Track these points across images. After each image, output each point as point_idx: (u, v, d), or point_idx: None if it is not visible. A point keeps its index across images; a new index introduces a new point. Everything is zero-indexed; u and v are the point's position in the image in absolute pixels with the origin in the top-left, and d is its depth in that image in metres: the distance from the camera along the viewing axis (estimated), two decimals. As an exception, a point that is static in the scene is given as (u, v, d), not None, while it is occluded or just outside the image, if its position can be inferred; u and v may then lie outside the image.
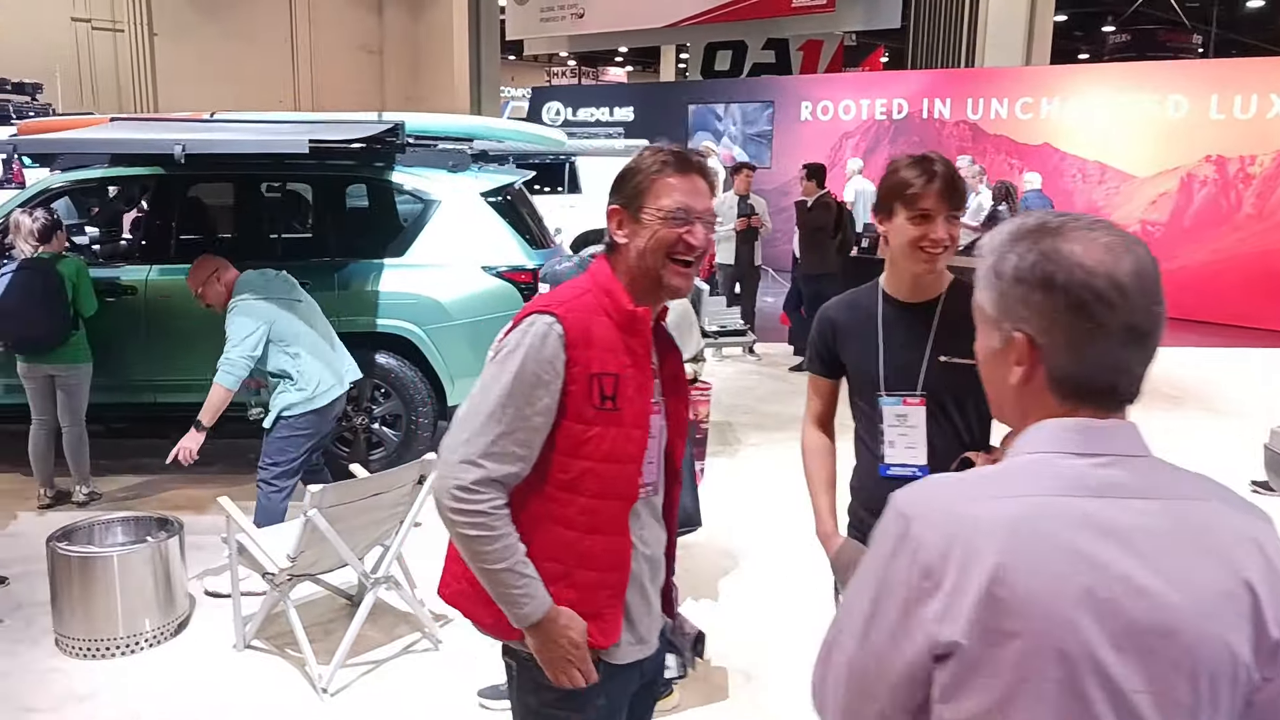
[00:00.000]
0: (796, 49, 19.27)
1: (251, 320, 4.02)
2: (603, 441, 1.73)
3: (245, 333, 3.98)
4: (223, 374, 4.00)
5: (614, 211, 1.80)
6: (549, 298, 1.79)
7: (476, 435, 1.68)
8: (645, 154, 1.81)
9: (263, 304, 4.08)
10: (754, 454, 6.24)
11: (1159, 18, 26.01)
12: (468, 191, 5.53)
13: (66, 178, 5.42)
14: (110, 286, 5.28)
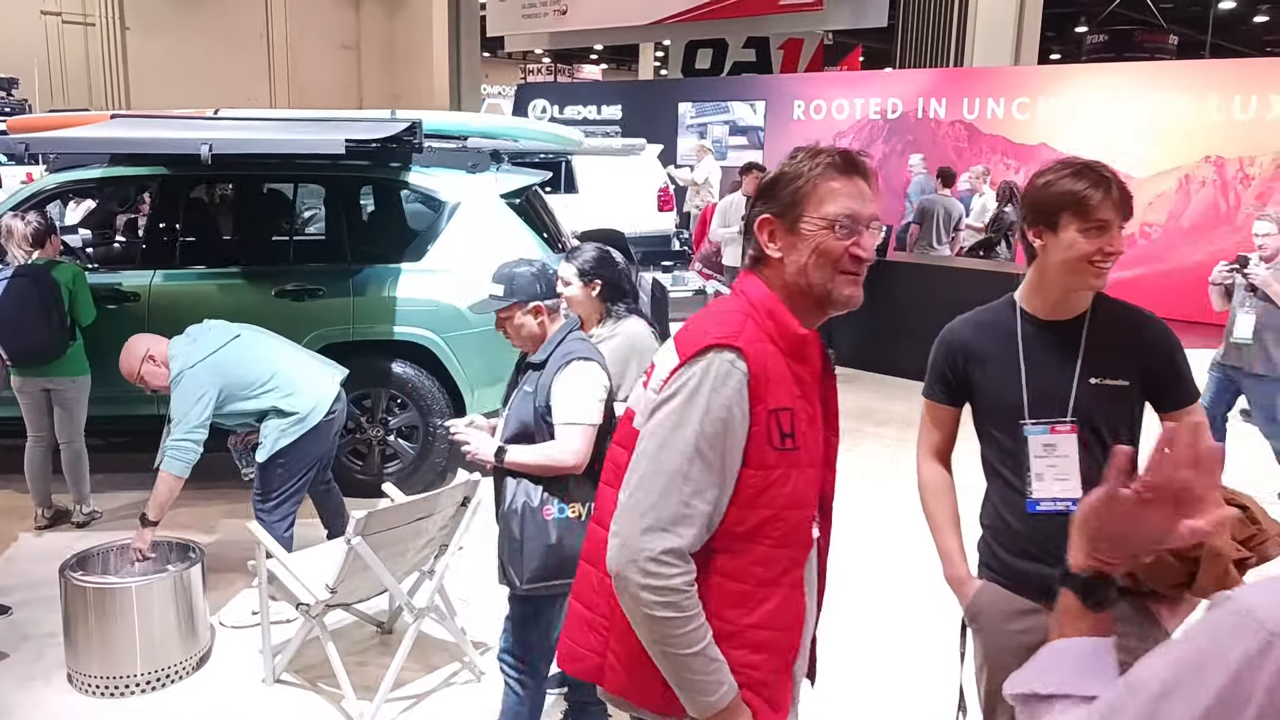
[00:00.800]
0: (777, 48, 19.19)
1: (194, 392, 3.57)
2: (784, 485, 1.52)
3: (187, 408, 3.53)
4: (170, 460, 3.52)
5: (765, 222, 1.58)
6: (716, 328, 1.53)
7: (663, 498, 1.46)
8: (801, 156, 1.59)
9: (202, 369, 3.64)
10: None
11: (1132, 18, 26.19)
12: (487, 193, 5.30)
13: (61, 178, 5.13)
14: (111, 293, 5.00)
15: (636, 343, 3.08)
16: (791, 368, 1.54)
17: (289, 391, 3.77)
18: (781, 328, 1.55)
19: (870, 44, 28.12)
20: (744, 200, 8.35)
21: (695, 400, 1.46)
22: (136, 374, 3.67)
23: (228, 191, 5.75)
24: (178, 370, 3.58)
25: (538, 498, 2.68)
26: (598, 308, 3.15)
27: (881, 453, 6.29)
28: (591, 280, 3.10)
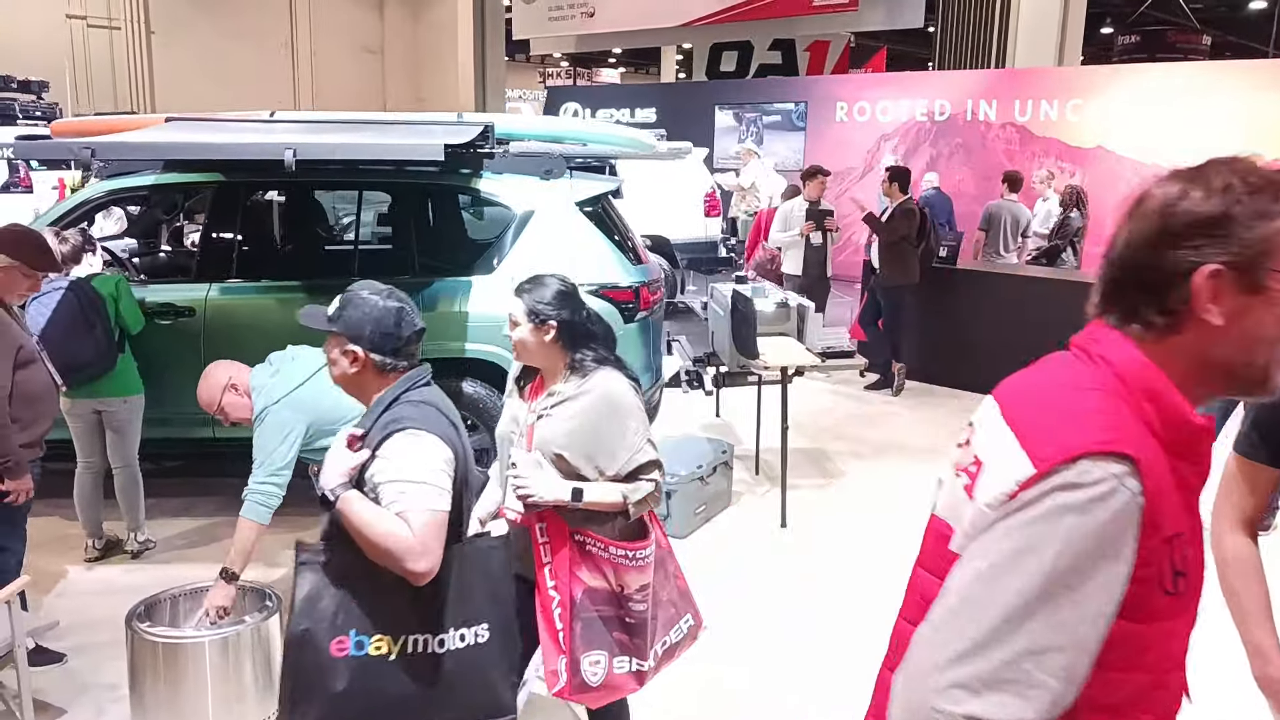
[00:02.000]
0: (803, 50, 18.91)
1: (279, 431, 3.15)
2: (1171, 640, 1.13)
3: (271, 447, 3.13)
4: (250, 505, 3.12)
5: (1215, 276, 1.11)
6: (1087, 422, 1.09)
7: (980, 648, 1.03)
8: (1239, 184, 1.14)
9: (287, 405, 3.22)
10: (861, 485, 5.70)
11: (1158, 19, 25.74)
12: (562, 201, 4.97)
13: (110, 186, 4.82)
14: (164, 308, 4.68)
15: (615, 403, 2.46)
16: (1176, 470, 1.12)
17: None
18: (1168, 415, 1.12)
19: (897, 46, 27.79)
20: (805, 205, 8.01)
21: (1055, 524, 1.04)
22: (217, 405, 3.33)
23: (287, 200, 5.42)
24: (262, 406, 3.23)
25: (329, 619, 2.04)
26: (558, 357, 2.52)
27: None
28: (545, 322, 2.48)
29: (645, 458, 2.50)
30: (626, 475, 2.48)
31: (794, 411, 6.97)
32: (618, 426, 2.46)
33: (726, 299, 5.43)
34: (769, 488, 5.60)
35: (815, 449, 6.26)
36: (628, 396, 2.50)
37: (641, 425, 2.51)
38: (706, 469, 4.96)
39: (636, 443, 2.49)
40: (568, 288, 2.57)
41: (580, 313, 2.55)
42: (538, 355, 2.55)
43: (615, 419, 2.46)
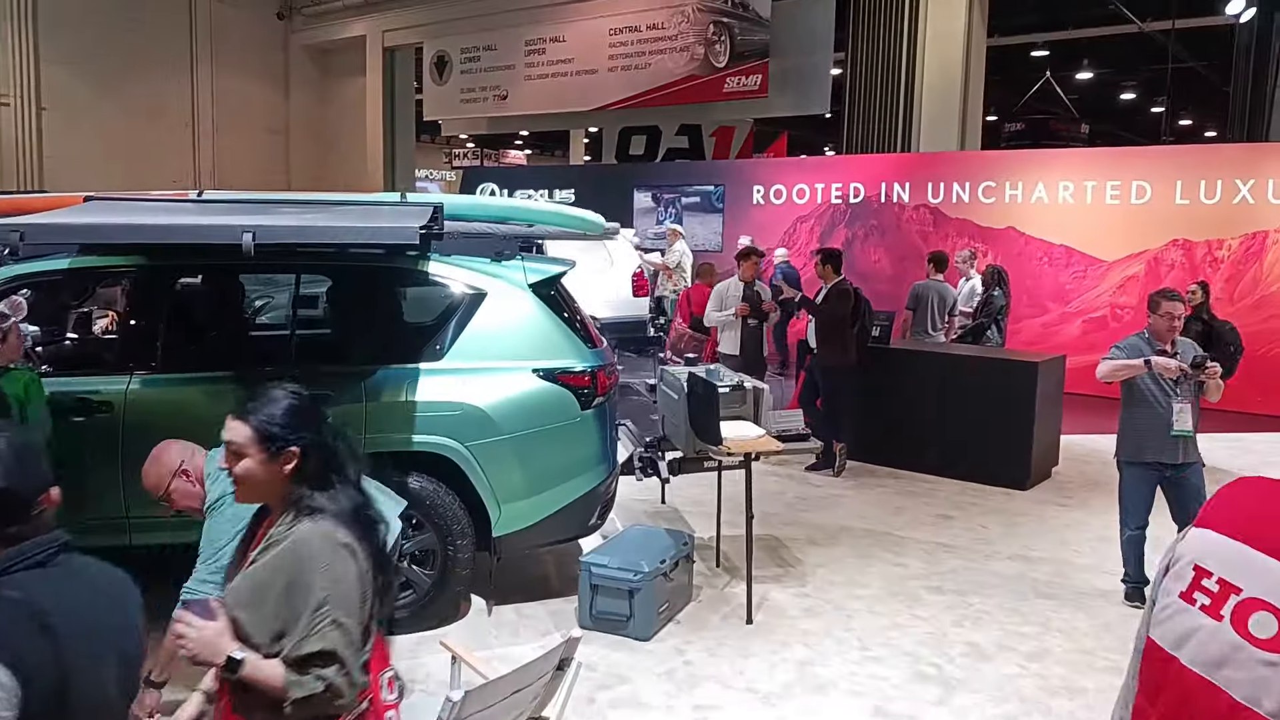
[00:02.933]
0: (709, 135, 19.43)
1: (234, 524, 2.62)
2: None
3: (223, 542, 2.76)
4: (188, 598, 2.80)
5: None
6: None
7: None
8: None
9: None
10: (821, 574, 5.52)
11: (1038, 109, 27.27)
12: (515, 283, 4.76)
13: (16, 270, 4.41)
14: (78, 402, 4.25)
15: (303, 560, 1.93)
16: None
17: None
18: None
19: (799, 131, 28.76)
20: (740, 285, 7.98)
21: None
22: (164, 489, 3.00)
23: (212, 283, 5.06)
24: (218, 495, 2.89)
25: None
26: (285, 492, 2.04)
27: (976, 572, 5.79)
28: (283, 450, 2.02)
29: (317, 645, 1.88)
30: (295, 660, 1.90)
31: (737, 495, 6.83)
32: (298, 594, 1.91)
33: (680, 381, 5.27)
34: (727, 579, 5.38)
35: (768, 535, 6.08)
36: (323, 557, 1.92)
37: (336, 601, 1.90)
38: (669, 564, 4.72)
39: (314, 622, 1.88)
40: (304, 403, 2.08)
41: (328, 434, 2.07)
42: (269, 492, 2.05)
43: (298, 582, 1.91)
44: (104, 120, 19.34)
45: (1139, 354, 5.02)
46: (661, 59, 16.92)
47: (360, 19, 21.57)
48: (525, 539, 4.73)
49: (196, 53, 21.41)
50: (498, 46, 19.27)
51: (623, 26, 17.38)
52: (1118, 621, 4.93)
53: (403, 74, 22.13)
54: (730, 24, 15.99)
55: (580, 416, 4.72)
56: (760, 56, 15.50)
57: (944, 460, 7.49)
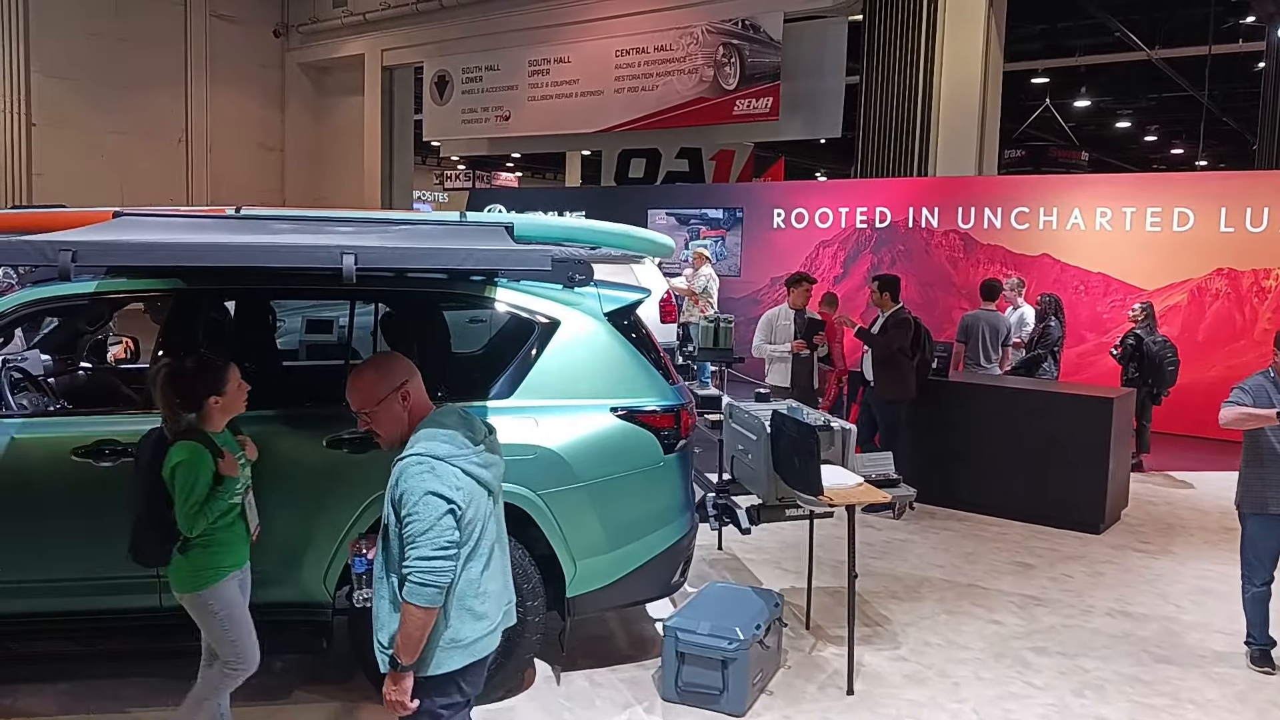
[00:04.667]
0: (709, 158, 19.16)
1: (446, 491, 2.51)
2: None
3: (438, 511, 2.49)
4: (414, 587, 2.48)
5: None
6: None
7: None
8: None
9: (457, 468, 2.57)
10: (912, 634, 5.03)
11: (1035, 136, 27.20)
12: (590, 312, 4.27)
13: (37, 294, 3.89)
14: (102, 445, 3.72)
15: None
16: None
17: (486, 578, 2.75)
18: None
19: (803, 160, 28.56)
20: (791, 314, 7.53)
21: None
22: (374, 404, 2.65)
23: (250, 310, 4.55)
24: (439, 446, 2.58)
25: None
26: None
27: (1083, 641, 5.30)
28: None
29: None
30: None
31: (800, 541, 6.34)
32: None
33: (758, 420, 4.78)
34: (813, 641, 4.88)
35: (842, 588, 5.56)
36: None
37: None
38: (764, 629, 4.22)
39: None
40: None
41: None
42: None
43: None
44: (96, 135, 18.82)
45: (1264, 396, 4.58)
46: (669, 81, 16.61)
47: (359, 37, 21.15)
48: (602, 599, 4.21)
49: (191, 68, 20.94)
50: (500, 66, 18.92)
51: (630, 48, 17.09)
52: (1250, 690, 4.47)
53: (401, 93, 21.72)
54: (740, 46, 15.68)
55: (663, 461, 4.23)
56: (771, 79, 15.22)
57: (1009, 501, 7.03)
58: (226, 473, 3.15)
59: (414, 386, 2.70)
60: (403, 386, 2.67)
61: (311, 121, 23.03)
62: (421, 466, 2.53)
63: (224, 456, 3.16)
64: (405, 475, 2.54)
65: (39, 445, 3.70)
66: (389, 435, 2.69)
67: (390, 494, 2.59)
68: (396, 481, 2.56)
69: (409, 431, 2.66)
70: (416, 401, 2.69)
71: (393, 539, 2.60)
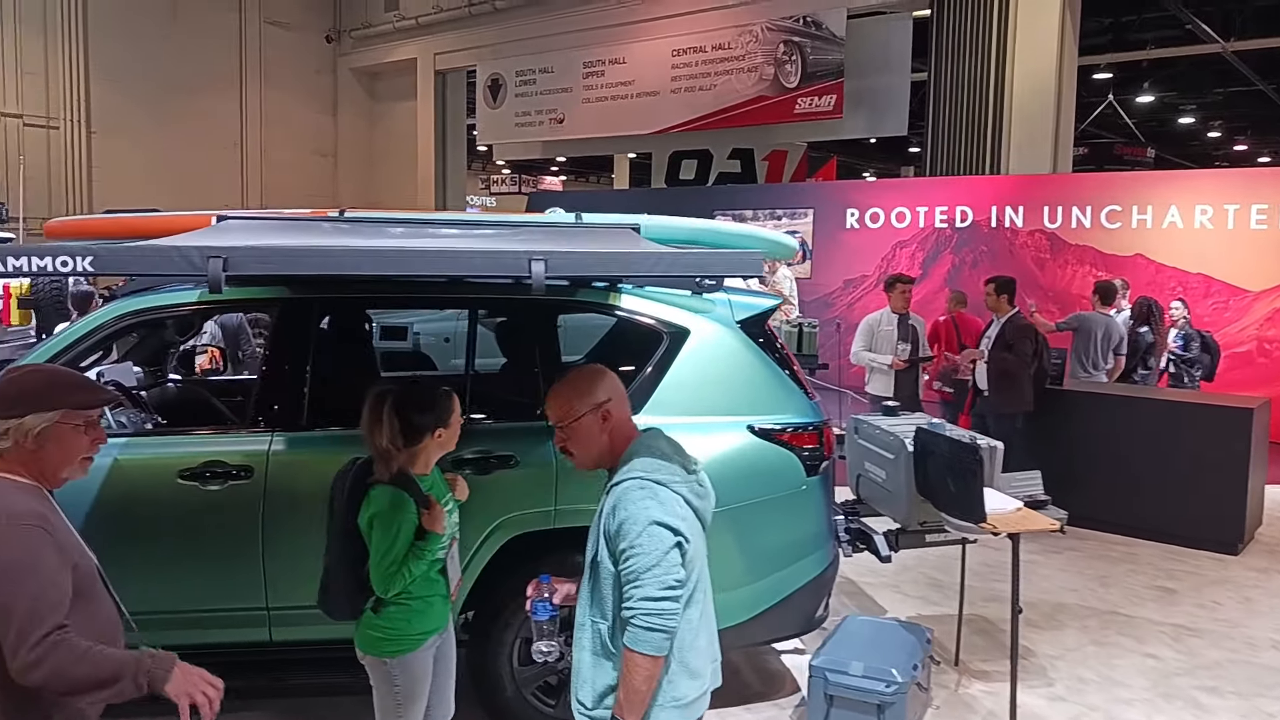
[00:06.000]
0: (761, 158, 18.80)
1: (672, 521, 2.16)
2: None
3: (665, 543, 2.14)
4: (640, 632, 2.11)
5: None
6: None
7: None
8: None
9: (679, 495, 2.23)
10: (1062, 669, 4.60)
11: (1095, 134, 26.45)
12: (722, 320, 3.91)
13: (136, 305, 3.62)
14: (210, 467, 3.43)
15: None
16: None
17: (691, 630, 2.39)
18: None
19: (843, 159, 28.01)
20: (893, 319, 7.12)
21: None
22: (573, 418, 2.33)
23: (352, 320, 4.25)
24: (657, 471, 2.24)
25: None
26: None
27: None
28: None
29: None
30: None
31: (917, 564, 5.94)
32: None
33: (897, 437, 4.38)
34: (956, 677, 4.48)
35: (975, 617, 5.16)
36: None
37: None
38: (920, 669, 3.83)
39: None
40: None
41: None
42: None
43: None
44: (152, 141, 18.88)
45: None
46: (728, 80, 16.29)
47: (411, 41, 21.03)
48: (742, 635, 3.84)
49: (245, 74, 20.96)
50: (554, 68, 18.70)
51: (686, 47, 16.79)
52: None
53: (454, 97, 21.58)
54: (802, 43, 15.32)
55: (805, 484, 3.86)
56: (834, 76, 14.86)
57: (1138, 519, 6.55)
58: (431, 528, 2.74)
59: (616, 407, 2.37)
60: (604, 405, 2.34)
61: (364, 126, 22.98)
62: (645, 491, 2.19)
63: (431, 507, 2.75)
64: (625, 500, 2.20)
65: (143, 467, 3.42)
66: (583, 455, 2.38)
67: (604, 523, 2.25)
68: (614, 508, 2.22)
69: (610, 456, 2.35)
70: (618, 424, 2.36)
71: (604, 577, 2.25)
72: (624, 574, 2.17)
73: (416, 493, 2.78)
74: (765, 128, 16.12)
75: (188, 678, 1.97)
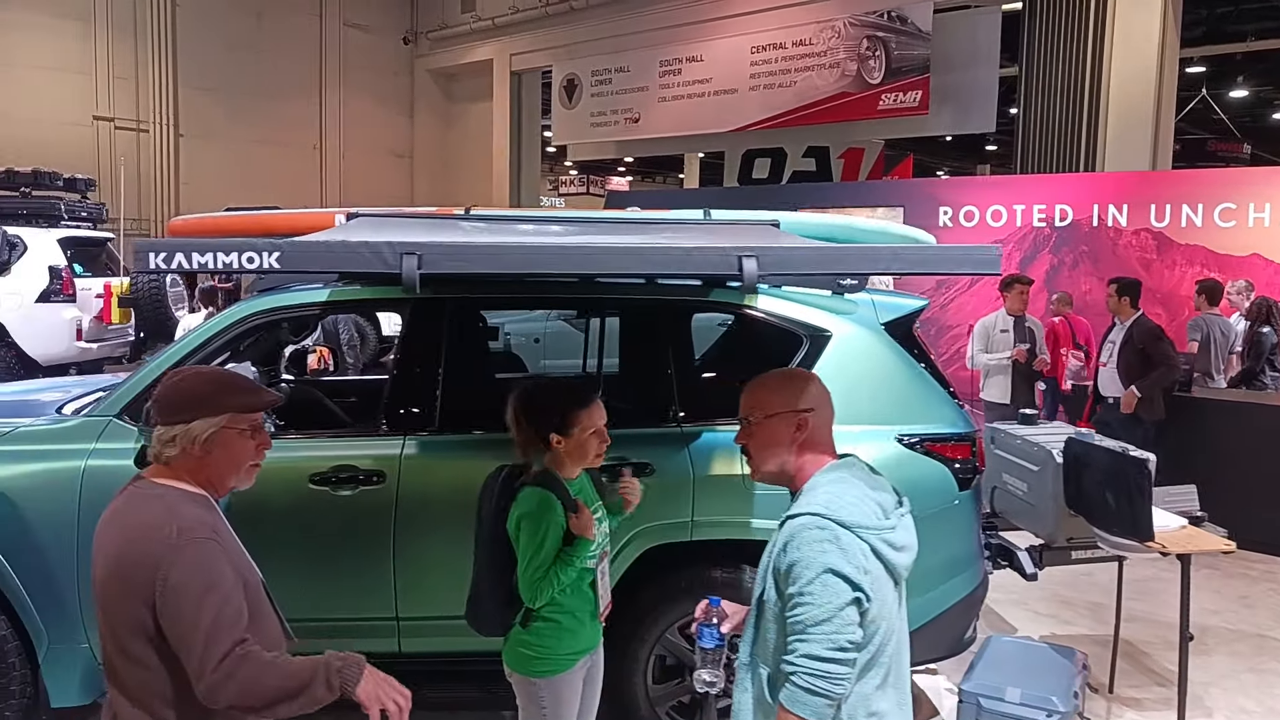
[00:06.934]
0: (837, 157, 18.40)
1: (852, 574, 1.88)
2: None
3: (841, 597, 1.87)
4: (797, 692, 1.85)
5: None
6: None
7: None
8: None
9: (866, 543, 1.93)
10: (1233, 703, 4.28)
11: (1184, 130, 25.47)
12: (865, 323, 3.70)
13: (270, 303, 3.54)
14: (340, 471, 3.33)
15: None
16: None
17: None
18: None
19: (919, 156, 27.39)
20: (1009, 320, 6.81)
21: None
22: (763, 416, 2.10)
23: (475, 321, 4.13)
24: (845, 509, 1.95)
25: None
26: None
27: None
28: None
29: None
30: None
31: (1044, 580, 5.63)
32: None
33: (1041, 447, 4.12)
34: (1106, 704, 4.20)
35: (1109, 636, 4.85)
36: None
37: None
38: (1080, 695, 3.57)
39: None
40: None
41: None
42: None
43: None
44: (236, 144, 19.25)
45: None
46: (808, 76, 15.98)
47: (487, 42, 21.11)
48: (888, 657, 3.63)
49: (325, 77, 21.26)
50: (630, 67, 18.57)
51: (766, 44, 16.53)
52: None
53: (529, 98, 21.60)
54: (886, 38, 15.00)
55: (957, 499, 3.62)
56: (920, 72, 14.51)
57: (1275, 535, 6.16)
58: (579, 532, 2.57)
59: (818, 420, 2.13)
60: (803, 414, 2.10)
61: (440, 127, 23.15)
62: (824, 533, 1.92)
63: (579, 511, 2.59)
64: (799, 540, 1.94)
65: (276, 470, 3.31)
66: (760, 462, 2.14)
67: (774, 561, 2.00)
68: (785, 546, 1.96)
69: (791, 475, 2.12)
70: (813, 442, 2.11)
71: (768, 620, 2.01)
72: (790, 623, 1.93)
73: (564, 495, 2.62)
74: (846, 125, 15.82)
75: (378, 683, 1.85)
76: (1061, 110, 13.46)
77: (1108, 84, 12.62)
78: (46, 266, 8.66)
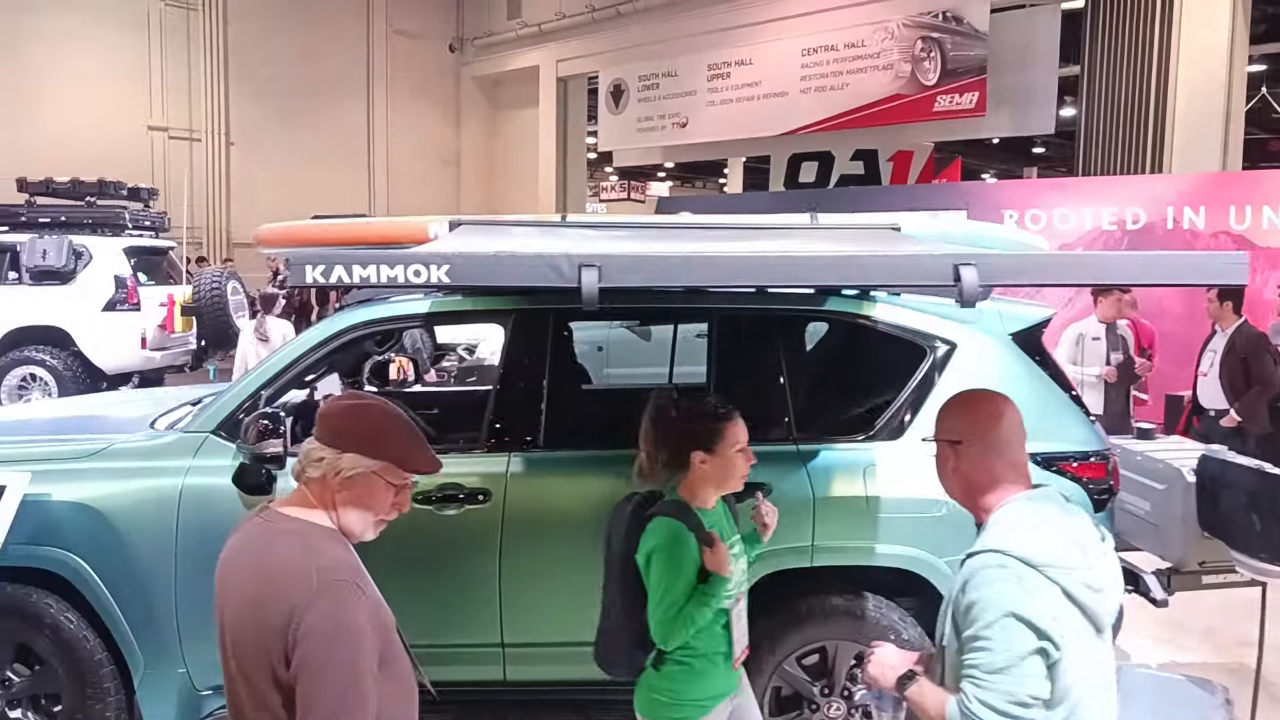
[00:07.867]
0: (886, 160, 18.07)
1: (1038, 620, 1.72)
2: None
3: (1025, 645, 1.70)
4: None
5: None
6: None
7: None
8: None
9: (1058, 585, 1.76)
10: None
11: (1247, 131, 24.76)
12: (992, 333, 3.48)
13: (368, 315, 3.40)
14: (446, 490, 3.18)
15: None
16: None
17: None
18: None
19: (966, 159, 26.92)
20: (1102, 328, 6.54)
21: None
22: (933, 438, 1.99)
23: (569, 333, 3.97)
24: (1032, 552, 1.77)
25: None
26: None
27: None
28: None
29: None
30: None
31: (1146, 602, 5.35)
32: None
33: (1168, 465, 3.87)
34: (1245, 740, 3.93)
35: (1238, 666, 4.58)
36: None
37: None
38: (1229, 734, 3.34)
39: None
40: None
41: None
42: None
43: None
44: (286, 152, 19.38)
45: None
46: (861, 78, 15.73)
47: (533, 49, 21.05)
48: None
49: (373, 86, 21.35)
50: (678, 72, 18.40)
51: (817, 46, 16.28)
52: None
53: (575, 103, 21.52)
54: (941, 39, 14.71)
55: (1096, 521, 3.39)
56: (976, 73, 14.22)
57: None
58: (713, 569, 2.36)
59: (970, 453, 1.92)
60: (960, 443, 1.93)
61: (486, 134, 23.15)
62: (1007, 572, 1.74)
63: (713, 545, 2.38)
64: (979, 579, 1.76)
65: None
66: (942, 483, 2.00)
67: (953, 601, 1.83)
68: (964, 586, 1.80)
69: (967, 504, 1.96)
70: (971, 473, 1.93)
71: (950, 664, 1.84)
72: (965, 666, 1.75)
73: (698, 527, 2.43)
74: (900, 127, 15.56)
75: None
76: (1126, 110, 13.11)
77: (1175, 82, 12.30)
78: (112, 276, 8.68)
